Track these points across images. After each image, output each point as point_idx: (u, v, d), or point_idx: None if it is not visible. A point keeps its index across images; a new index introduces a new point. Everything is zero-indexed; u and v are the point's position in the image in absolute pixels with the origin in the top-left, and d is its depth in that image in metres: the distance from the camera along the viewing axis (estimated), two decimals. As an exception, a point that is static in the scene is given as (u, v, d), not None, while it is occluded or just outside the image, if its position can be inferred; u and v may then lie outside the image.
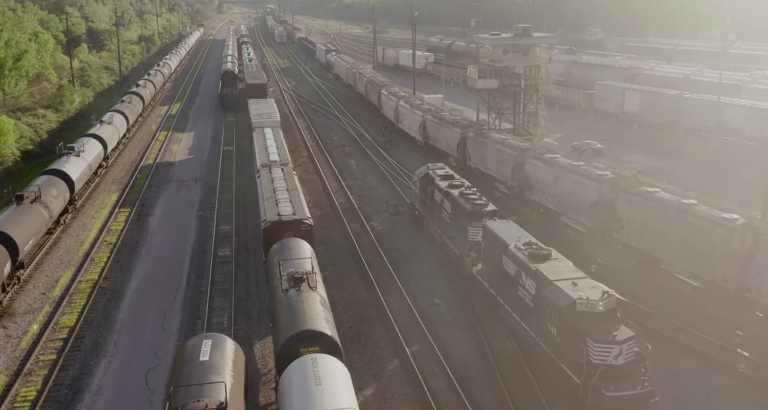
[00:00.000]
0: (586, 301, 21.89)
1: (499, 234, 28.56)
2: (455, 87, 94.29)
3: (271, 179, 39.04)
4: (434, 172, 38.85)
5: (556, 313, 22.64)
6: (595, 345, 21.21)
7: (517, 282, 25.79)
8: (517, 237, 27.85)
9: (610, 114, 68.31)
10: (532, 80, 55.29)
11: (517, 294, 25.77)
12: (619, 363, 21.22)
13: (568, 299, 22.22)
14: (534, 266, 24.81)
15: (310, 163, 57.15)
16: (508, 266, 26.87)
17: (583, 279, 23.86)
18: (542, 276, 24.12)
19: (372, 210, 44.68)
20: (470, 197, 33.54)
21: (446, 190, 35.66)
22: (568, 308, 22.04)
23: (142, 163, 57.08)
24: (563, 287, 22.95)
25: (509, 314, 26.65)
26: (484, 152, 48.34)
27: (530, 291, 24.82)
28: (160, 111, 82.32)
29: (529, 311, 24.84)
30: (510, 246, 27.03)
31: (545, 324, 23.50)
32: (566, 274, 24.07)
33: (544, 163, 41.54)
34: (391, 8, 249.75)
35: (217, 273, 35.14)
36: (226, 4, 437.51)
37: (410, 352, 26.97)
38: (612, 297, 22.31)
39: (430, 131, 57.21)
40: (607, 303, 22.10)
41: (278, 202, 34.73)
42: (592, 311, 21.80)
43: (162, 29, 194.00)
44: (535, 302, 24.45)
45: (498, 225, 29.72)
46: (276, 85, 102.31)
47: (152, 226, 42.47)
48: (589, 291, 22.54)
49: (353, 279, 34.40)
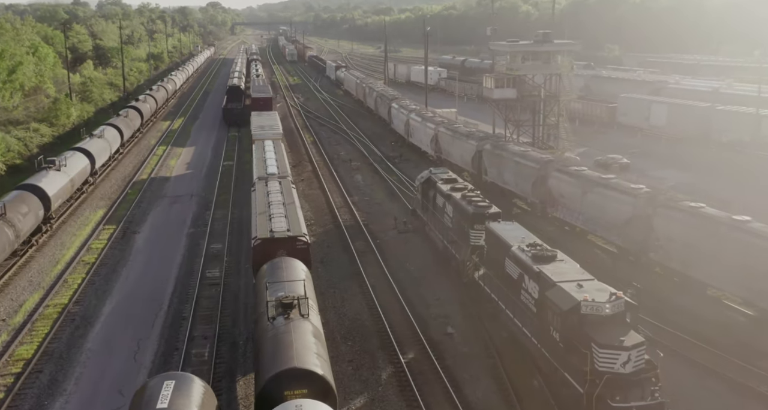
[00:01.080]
0: (592, 303, 20.07)
1: (502, 236, 26.52)
2: (469, 102, 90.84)
3: (267, 193, 35.26)
4: (436, 176, 36.61)
5: (558, 317, 20.77)
6: (601, 351, 19.34)
7: (520, 286, 23.93)
8: (521, 238, 25.88)
9: (635, 128, 64.21)
10: (553, 90, 51.46)
11: (520, 298, 23.89)
12: (627, 372, 19.31)
13: (572, 301, 20.40)
14: (537, 267, 22.87)
15: (314, 178, 53.38)
16: (510, 269, 24.85)
17: (590, 281, 21.89)
18: (545, 277, 22.19)
19: (379, 228, 40.75)
20: (473, 199, 31.30)
21: (448, 193, 33.45)
22: (572, 311, 20.24)
23: (136, 178, 53.55)
24: (567, 289, 21.13)
25: (511, 320, 24.73)
26: (502, 165, 44.42)
27: (533, 294, 22.89)
28: (161, 126, 79.13)
29: (532, 316, 22.92)
30: (513, 247, 25.07)
31: (547, 330, 21.58)
32: (571, 276, 22.18)
33: (570, 176, 37.52)
34: (403, 28, 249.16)
35: (202, 297, 31.23)
36: (239, 26, 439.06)
37: (419, 393, 22.83)
38: (620, 300, 20.43)
39: (443, 144, 53.39)
40: (615, 306, 20.24)
41: (272, 217, 30.88)
42: (598, 314, 20.04)
43: (172, 48, 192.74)
44: (537, 306, 22.49)
45: (501, 227, 27.72)
46: (284, 101, 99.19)
47: (137, 245, 38.70)
48: (596, 293, 20.73)
49: (355, 304, 30.37)
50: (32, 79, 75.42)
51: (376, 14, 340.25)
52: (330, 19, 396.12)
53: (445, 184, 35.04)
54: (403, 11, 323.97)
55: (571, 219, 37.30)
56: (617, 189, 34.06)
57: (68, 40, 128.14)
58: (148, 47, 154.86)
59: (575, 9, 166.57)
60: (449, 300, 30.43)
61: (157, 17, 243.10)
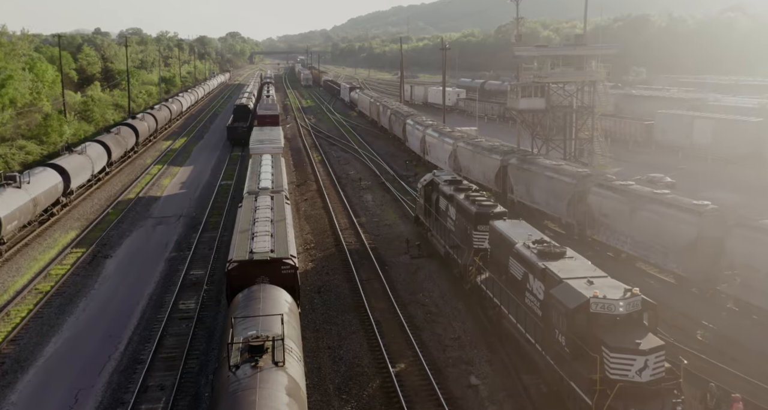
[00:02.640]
0: (603, 301, 17.67)
1: (506, 234, 24.04)
2: (490, 122, 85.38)
3: (254, 208, 29.72)
4: (439, 178, 34.24)
5: (564, 317, 18.23)
6: (613, 356, 16.94)
7: (524, 287, 21.47)
8: (527, 235, 23.39)
9: (675, 147, 58.14)
10: (587, 100, 45.77)
11: (524, 301, 21.37)
12: (644, 380, 16.83)
13: (580, 298, 17.98)
14: (542, 264, 20.42)
15: (319, 197, 47.80)
16: (515, 269, 22.47)
17: (603, 278, 19.35)
18: (551, 274, 19.74)
19: (388, 252, 34.98)
20: (477, 199, 28.83)
21: (451, 193, 31.01)
22: (580, 309, 17.83)
23: (121, 198, 48.29)
24: (575, 285, 18.67)
25: (514, 326, 22.10)
26: (531, 182, 38.64)
27: (538, 295, 20.41)
28: (160, 145, 74.24)
29: (537, 321, 20.29)
30: (517, 244, 22.61)
31: (552, 333, 19.09)
32: (581, 272, 19.64)
33: (615, 191, 31.61)
34: (421, 56, 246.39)
35: (168, 335, 25.54)
36: (257, 56, 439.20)
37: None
38: (636, 298, 17.90)
39: (462, 160, 47.72)
40: (630, 305, 17.76)
41: (254, 236, 25.29)
42: (610, 313, 17.65)
43: (186, 74, 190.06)
44: (543, 308, 19.96)
45: (506, 225, 25.24)
46: (294, 122, 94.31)
47: (106, 271, 33.17)
48: (607, 290, 18.25)
49: (355, 345, 24.49)
50: (26, 95, 71.01)
51: (394, 43, 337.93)
52: (348, 48, 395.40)
53: (448, 185, 32.28)
54: (421, 40, 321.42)
55: (617, 243, 31.30)
56: (676, 206, 28.10)
57: (77, 62, 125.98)
58: (159, 71, 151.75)
59: (597, 33, 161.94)
60: (472, 340, 24.49)
61: (175, 45, 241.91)
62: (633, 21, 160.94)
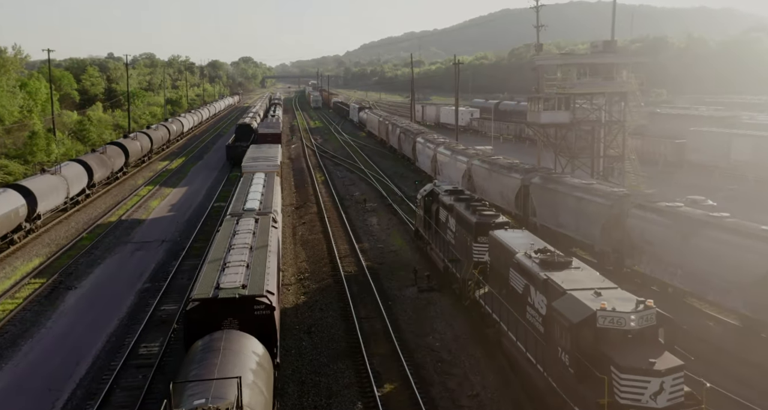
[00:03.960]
0: (612, 314, 15.40)
1: (506, 243, 21.98)
2: (505, 143, 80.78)
3: (232, 233, 25.11)
4: (440, 188, 32.60)
5: (568, 332, 16.01)
6: (624, 378, 14.59)
7: (526, 301, 19.38)
8: (529, 244, 21.31)
9: (710, 166, 53.16)
10: (617, 114, 41.07)
11: (525, 317, 19.25)
12: (660, 406, 14.39)
13: (586, 311, 15.77)
14: (545, 274, 18.34)
15: (318, 221, 43.15)
16: (515, 281, 20.40)
17: (612, 289, 17.18)
18: (554, 285, 17.67)
19: (392, 284, 30.18)
20: (477, 208, 26.95)
21: (450, 203, 29.15)
22: (585, 323, 15.58)
23: (102, 221, 43.86)
24: (580, 297, 16.52)
25: (513, 344, 19.89)
26: (557, 203, 33.86)
27: (540, 309, 18.28)
28: (155, 166, 70.03)
29: (538, 337, 18.08)
30: (518, 254, 20.55)
31: (554, 352, 16.93)
32: (587, 283, 17.58)
33: (661, 214, 26.76)
34: (434, 79, 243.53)
35: (119, 388, 20.81)
36: (269, 80, 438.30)
37: None
38: (650, 311, 15.63)
39: (478, 180, 43.01)
40: (643, 319, 15.49)
41: (226, 267, 20.62)
42: (620, 328, 15.38)
43: (195, 96, 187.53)
44: (545, 323, 17.83)
45: (507, 234, 23.13)
46: (299, 142, 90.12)
47: (65, 305, 28.57)
48: (617, 302, 16.03)
49: (346, 404, 19.62)
50: (14, 113, 67.33)
51: (406, 67, 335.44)
52: (360, 72, 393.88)
53: (448, 195, 30.50)
54: (433, 63, 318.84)
55: (663, 276, 26.36)
56: (741, 232, 23.20)
57: (80, 83, 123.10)
58: (164, 93, 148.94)
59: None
60: (494, 398, 19.57)
61: (186, 68, 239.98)
62: (651, 42, 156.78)
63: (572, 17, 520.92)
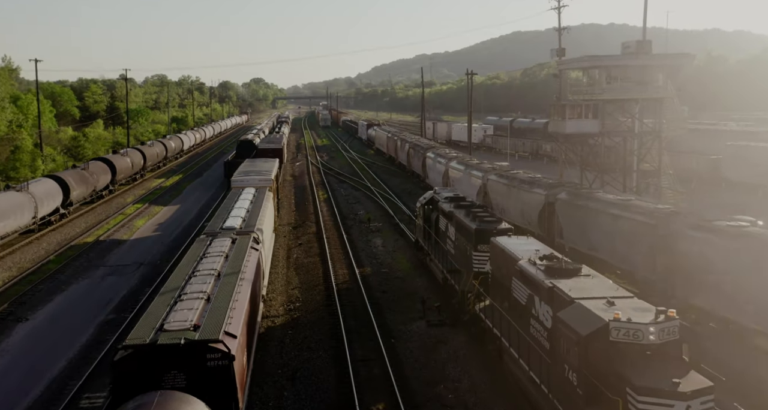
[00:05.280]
0: (627, 326, 13.16)
1: (509, 250, 19.66)
2: (521, 160, 76.26)
3: (200, 256, 20.67)
4: (440, 195, 30.64)
5: (576, 347, 13.69)
6: (641, 400, 12.39)
7: (529, 314, 16.76)
8: (534, 251, 18.87)
9: (751, 185, 48.30)
10: (652, 123, 36.52)
11: (529, 331, 16.67)
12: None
13: (596, 322, 13.54)
14: (550, 282, 15.87)
15: (316, 241, 38.64)
16: (518, 292, 17.90)
17: (627, 298, 14.68)
18: (560, 294, 15.12)
19: (397, 316, 25.55)
20: (478, 214, 25.09)
21: (450, 211, 27.16)
22: (596, 336, 13.34)
23: (77, 242, 39.58)
24: (590, 306, 14.13)
25: (515, 362, 17.43)
26: (588, 223, 29.20)
27: (545, 322, 15.70)
28: (149, 184, 65.83)
29: (543, 354, 15.50)
30: (521, 261, 18.17)
31: (561, 370, 14.45)
32: (599, 292, 14.99)
33: (727, 236, 22.03)
34: (445, 99, 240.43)
35: (41, 456, 16.22)
36: (280, 101, 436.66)
37: None
38: (673, 322, 13.28)
39: (495, 197, 38.45)
40: (665, 331, 13.15)
41: (178, 301, 16.19)
42: (636, 342, 13.07)
43: (203, 115, 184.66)
44: (550, 338, 15.23)
45: (510, 241, 20.88)
46: (304, 160, 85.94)
47: (10, 341, 24.14)
48: (633, 312, 13.61)
49: (332, 485, 14.93)
50: (2, 127, 63.63)
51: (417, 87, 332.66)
52: (371, 93, 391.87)
53: (448, 202, 28.55)
54: (445, 83, 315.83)
55: (729, 312, 21.57)
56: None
57: (82, 100, 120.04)
58: (168, 111, 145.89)
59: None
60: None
61: (195, 88, 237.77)
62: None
63: (583, 41, 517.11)
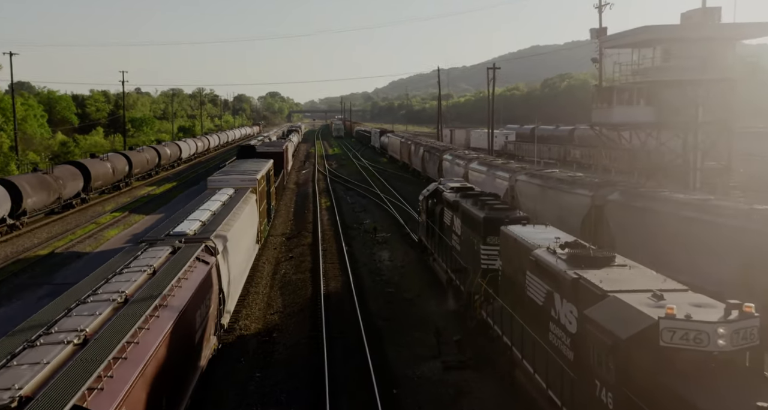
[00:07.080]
0: (686, 325, 9.12)
1: (522, 239, 15.48)
2: (548, 167, 69.47)
3: (112, 273, 14.31)
4: (445, 185, 26.83)
5: (612, 355, 9.91)
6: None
7: (548, 316, 13.02)
8: (554, 239, 14.69)
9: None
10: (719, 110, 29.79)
11: (548, 338, 12.93)
12: None
13: (642, 320, 9.62)
14: (574, 273, 12.11)
15: (309, 253, 32.17)
16: (534, 289, 13.94)
17: (681, 292, 10.76)
18: (588, 287, 11.42)
19: (403, 353, 18.97)
20: (487, 202, 20.90)
21: (455, 200, 23.15)
22: (641, 339, 9.40)
23: (26, 255, 33.47)
24: (631, 301, 10.27)
25: (531, 378, 13.63)
26: (653, 230, 22.51)
27: (567, 325, 12.00)
28: (137, 192, 59.84)
29: (565, 366, 11.89)
30: (536, 250, 14.23)
31: (591, 387, 10.63)
32: (640, 283, 11.18)
33: None
34: (462, 111, 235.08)
35: None
36: (296, 114, 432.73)
37: None
38: (751, 321, 9.18)
39: (525, 201, 31.86)
40: (739, 334, 9.07)
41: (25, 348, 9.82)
42: (698, 349, 9.05)
43: (214, 126, 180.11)
44: (575, 346, 11.62)
45: (524, 230, 16.52)
46: (312, 167, 79.79)
47: None
48: (693, 308, 9.59)
49: None
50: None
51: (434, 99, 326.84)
52: (387, 106, 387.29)
53: (453, 192, 24.95)
54: (462, 96, 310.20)
55: None
56: None
57: (83, 108, 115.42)
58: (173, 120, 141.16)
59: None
60: None
61: (209, 100, 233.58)
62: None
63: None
